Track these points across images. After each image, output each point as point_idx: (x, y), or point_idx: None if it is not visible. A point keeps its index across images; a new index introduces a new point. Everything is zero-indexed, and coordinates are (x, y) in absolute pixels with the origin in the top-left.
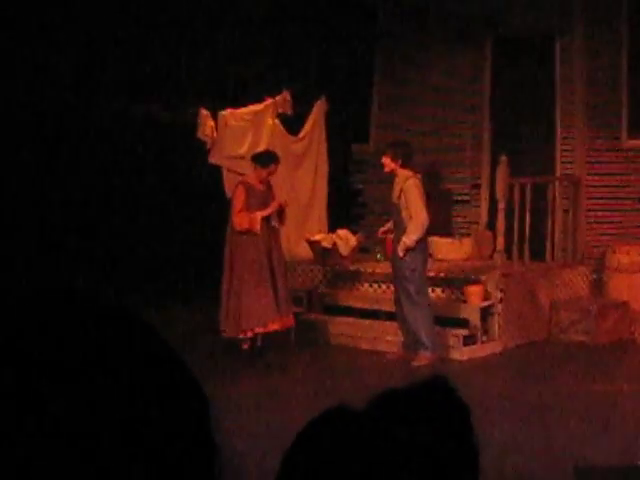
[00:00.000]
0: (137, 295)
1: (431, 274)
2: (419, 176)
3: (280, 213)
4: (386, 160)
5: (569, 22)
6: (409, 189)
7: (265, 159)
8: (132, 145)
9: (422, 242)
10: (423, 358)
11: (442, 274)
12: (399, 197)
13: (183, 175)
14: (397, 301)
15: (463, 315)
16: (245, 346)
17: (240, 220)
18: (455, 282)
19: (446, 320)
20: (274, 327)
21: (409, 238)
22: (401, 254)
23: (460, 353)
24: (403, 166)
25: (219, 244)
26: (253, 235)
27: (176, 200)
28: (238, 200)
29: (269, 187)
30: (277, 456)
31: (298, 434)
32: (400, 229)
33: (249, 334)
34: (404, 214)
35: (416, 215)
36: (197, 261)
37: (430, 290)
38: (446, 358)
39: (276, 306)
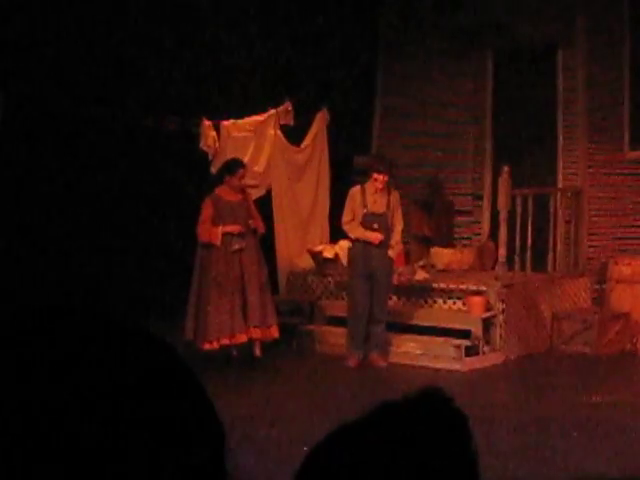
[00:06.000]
0: (118, 308)
1: (433, 285)
2: None
3: (246, 234)
4: (386, 177)
5: (571, 33)
6: (398, 200)
7: (230, 166)
8: (120, 155)
9: None
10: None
11: (444, 285)
12: (388, 207)
13: (173, 186)
14: (367, 309)
15: (465, 326)
16: (234, 354)
17: (201, 232)
18: (457, 293)
19: (448, 331)
20: (241, 339)
21: (400, 246)
22: (394, 257)
23: (462, 364)
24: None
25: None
26: (222, 249)
27: (162, 212)
28: (203, 213)
29: (245, 199)
30: (274, 466)
31: (305, 458)
32: (386, 236)
33: (215, 345)
34: (389, 223)
35: (401, 224)
36: (178, 274)
37: (432, 301)
38: (448, 369)
39: (243, 319)
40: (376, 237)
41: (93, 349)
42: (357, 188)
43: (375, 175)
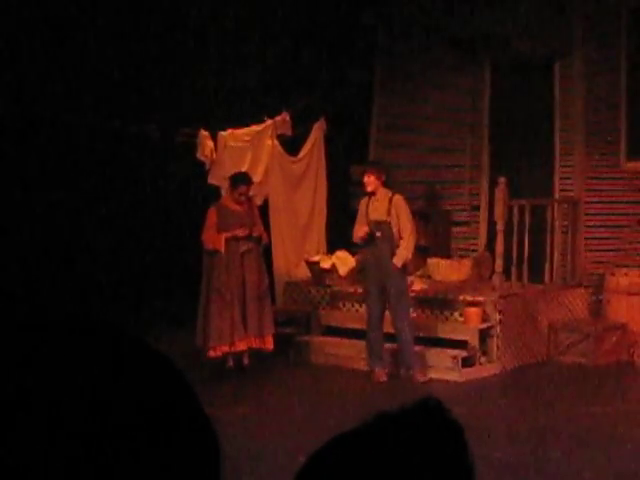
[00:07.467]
0: (120, 316)
1: (430, 295)
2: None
3: (254, 239)
4: (370, 178)
5: (568, 45)
6: (401, 205)
7: (234, 181)
8: (123, 164)
9: None
10: (423, 373)
11: (441, 295)
12: (389, 213)
13: (176, 194)
14: (380, 319)
15: (462, 336)
16: (229, 364)
17: (206, 239)
18: (454, 303)
19: (445, 341)
20: (241, 347)
21: (409, 251)
22: (399, 265)
23: (459, 375)
24: (384, 184)
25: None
26: (225, 257)
27: (167, 220)
28: (208, 221)
29: (250, 208)
30: (270, 476)
31: (301, 468)
32: (390, 244)
33: (218, 352)
34: (394, 229)
35: (411, 230)
36: (182, 281)
37: (429, 311)
38: (445, 379)
39: (243, 327)
40: (363, 230)
41: (89, 360)
42: (365, 199)
43: (364, 179)
